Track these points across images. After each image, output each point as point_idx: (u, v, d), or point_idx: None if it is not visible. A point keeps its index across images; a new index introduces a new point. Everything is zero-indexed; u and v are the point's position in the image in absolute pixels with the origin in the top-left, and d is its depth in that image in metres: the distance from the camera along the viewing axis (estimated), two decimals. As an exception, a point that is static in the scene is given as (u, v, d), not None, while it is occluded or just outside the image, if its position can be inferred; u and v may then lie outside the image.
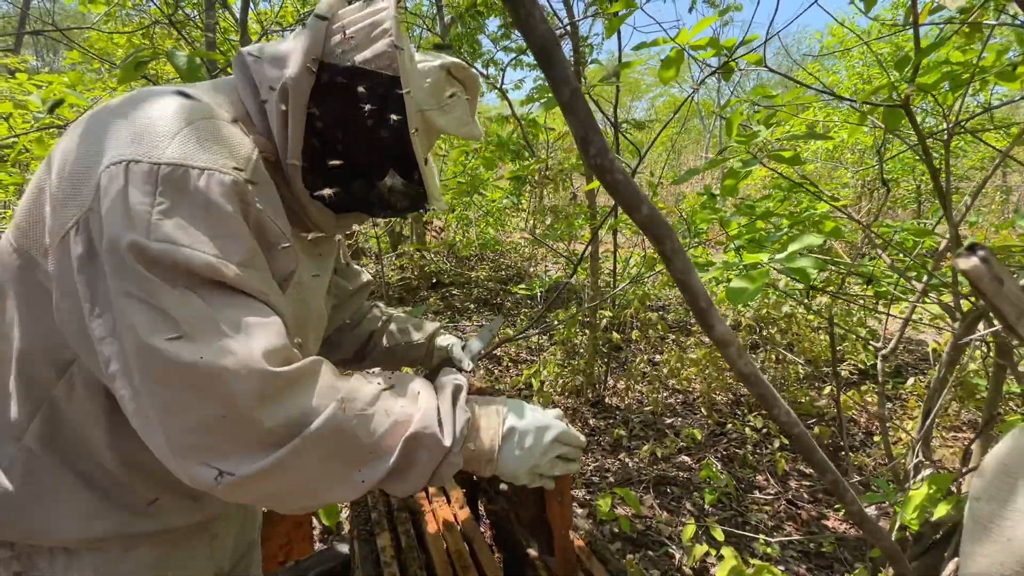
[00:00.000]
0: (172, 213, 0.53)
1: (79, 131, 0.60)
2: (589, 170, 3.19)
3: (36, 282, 0.60)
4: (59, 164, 0.58)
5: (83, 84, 2.56)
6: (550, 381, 3.10)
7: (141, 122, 0.57)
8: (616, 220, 2.82)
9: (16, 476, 0.62)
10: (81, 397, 0.61)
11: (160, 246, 0.52)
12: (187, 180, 0.54)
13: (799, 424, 0.41)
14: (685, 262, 0.33)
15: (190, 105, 0.60)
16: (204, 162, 0.56)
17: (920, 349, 4.26)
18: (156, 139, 0.55)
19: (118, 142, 0.55)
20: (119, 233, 0.51)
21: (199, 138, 0.57)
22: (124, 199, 0.52)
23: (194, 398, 0.52)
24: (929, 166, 1.29)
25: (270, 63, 0.68)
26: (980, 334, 1.28)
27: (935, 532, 1.11)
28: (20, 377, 0.62)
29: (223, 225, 0.56)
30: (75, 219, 0.54)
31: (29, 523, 0.63)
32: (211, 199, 0.55)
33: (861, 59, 6.95)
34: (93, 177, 0.54)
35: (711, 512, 2.28)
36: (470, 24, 4.75)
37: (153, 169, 0.53)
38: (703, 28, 1.36)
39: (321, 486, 0.58)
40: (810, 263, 1.17)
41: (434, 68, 0.74)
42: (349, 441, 0.58)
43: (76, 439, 0.63)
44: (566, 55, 0.30)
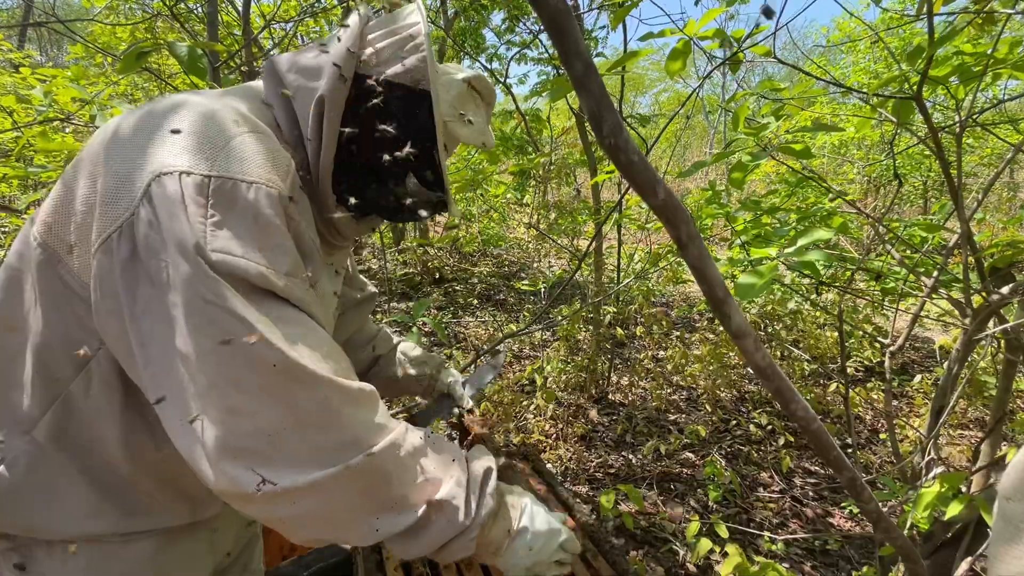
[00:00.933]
0: (224, 225, 0.54)
1: (117, 135, 0.60)
2: (593, 165, 3.16)
3: (58, 277, 0.60)
4: (95, 166, 0.59)
5: (86, 78, 2.55)
6: (553, 377, 3.09)
7: (188, 131, 0.58)
8: (620, 215, 2.80)
9: (20, 470, 0.62)
10: (98, 393, 0.61)
11: (217, 256, 0.53)
12: (237, 192, 0.56)
13: (817, 419, 0.40)
14: (701, 249, 0.31)
15: (234, 116, 0.62)
16: (252, 175, 0.57)
17: (926, 346, 4.23)
18: (206, 151, 0.56)
19: (166, 151, 0.56)
20: (181, 240, 0.52)
21: (246, 151, 0.59)
22: (181, 209, 0.53)
23: (264, 402, 0.53)
24: (941, 160, 1.26)
25: (304, 74, 0.69)
26: (992, 331, 1.26)
27: (946, 531, 1.10)
28: (37, 370, 0.61)
29: (271, 236, 0.58)
30: (118, 223, 0.54)
31: (28, 518, 0.63)
32: (260, 211, 0.57)
33: (868, 53, 6.88)
34: (138, 183, 0.55)
35: (715, 509, 2.27)
36: (474, 18, 4.72)
37: (205, 181, 0.54)
38: (711, 19, 1.34)
39: (342, 520, 0.58)
40: (820, 257, 1.15)
41: (457, 81, 0.78)
42: (383, 484, 0.59)
43: (87, 435, 0.63)
44: (579, 30, 0.28)
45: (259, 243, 0.56)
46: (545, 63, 4.12)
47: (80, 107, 2.02)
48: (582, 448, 2.68)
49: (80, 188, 0.59)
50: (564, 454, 2.56)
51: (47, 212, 0.62)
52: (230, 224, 0.55)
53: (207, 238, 0.53)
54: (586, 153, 3.18)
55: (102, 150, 0.60)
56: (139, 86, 4.85)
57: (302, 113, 0.69)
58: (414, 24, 0.72)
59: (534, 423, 2.82)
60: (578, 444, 2.71)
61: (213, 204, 0.54)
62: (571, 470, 2.48)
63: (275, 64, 0.72)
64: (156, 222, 0.53)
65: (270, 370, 0.53)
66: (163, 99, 0.64)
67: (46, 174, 2.09)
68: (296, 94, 0.69)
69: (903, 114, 1.30)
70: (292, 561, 1.17)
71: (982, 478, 1.28)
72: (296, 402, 0.54)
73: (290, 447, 0.54)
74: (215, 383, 0.52)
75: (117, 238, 0.54)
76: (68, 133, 2.34)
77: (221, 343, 0.52)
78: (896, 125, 1.35)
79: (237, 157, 0.57)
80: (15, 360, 0.62)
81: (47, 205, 0.62)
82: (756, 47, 1.36)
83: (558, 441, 2.69)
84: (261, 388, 0.53)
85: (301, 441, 0.54)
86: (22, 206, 2.90)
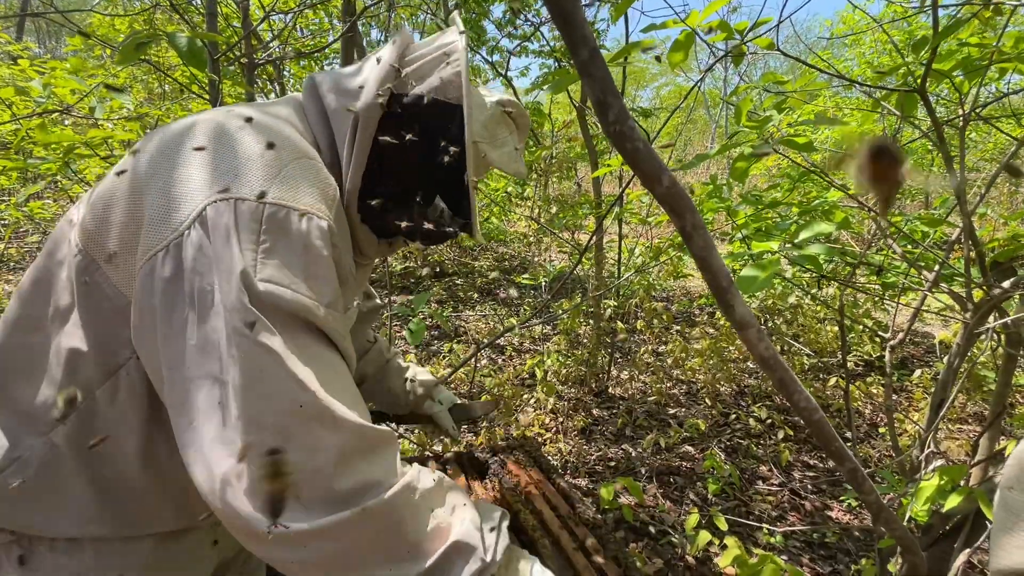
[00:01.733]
0: (273, 253, 0.55)
1: (166, 150, 0.60)
2: (594, 159, 3.15)
3: (95, 284, 0.60)
4: (141, 180, 0.59)
5: (85, 70, 2.54)
6: (554, 371, 3.10)
7: (242, 155, 0.59)
8: (621, 210, 2.80)
9: (31, 470, 0.62)
10: (123, 401, 0.62)
11: (266, 286, 0.53)
12: (289, 221, 0.56)
13: (819, 410, 0.40)
14: (706, 239, 0.31)
15: (285, 140, 0.63)
16: (304, 205, 0.58)
17: (926, 341, 4.23)
18: (259, 177, 0.57)
19: (220, 174, 0.57)
20: (230, 267, 0.52)
21: (298, 179, 0.60)
22: (234, 235, 0.53)
23: (287, 442, 0.52)
24: (944, 153, 1.26)
25: (343, 95, 0.71)
26: (992, 324, 1.26)
27: (944, 524, 1.10)
28: (67, 371, 0.61)
29: (318, 267, 0.58)
30: (166, 242, 0.54)
31: (30, 517, 0.63)
32: (311, 242, 0.57)
33: (872, 47, 6.83)
34: (190, 205, 0.55)
35: (714, 502, 2.28)
36: (475, 10, 4.69)
37: (259, 208, 0.55)
38: (714, 10, 1.33)
39: (354, 566, 0.57)
40: (822, 250, 1.15)
41: (492, 104, 0.79)
42: (396, 528, 0.58)
43: (108, 444, 0.62)
44: (585, 14, 0.28)
45: (306, 273, 0.57)
46: (546, 56, 4.10)
47: (79, 99, 2.02)
48: (582, 441, 2.69)
49: (125, 199, 0.60)
50: (564, 447, 2.57)
51: (88, 219, 0.61)
52: (280, 253, 0.55)
53: (256, 266, 0.53)
54: (587, 146, 3.17)
55: (151, 162, 0.60)
56: (138, 78, 4.82)
57: (340, 135, 0.70)
58: (451, 42, 0.74)
59: (534, 416, 2.83)
60: (578, 437, 2.72)
61: (266, 230, 0.55)
62: (571, 463, 2.49)
63: (316, 84, 0.73)
64: (206, 246, 0.53)
65: (297, 410, 0.52)
66: (211, 114, 0.64)
67: (45, 166, 2.09)
68: (334, 116, 0.71)
69: (907, 107, 1.29)
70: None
71: (981, 472, 1.29)
72: (318, 445, 0.53)
73: (304, 489, 0.53)
74: (241, 416, 0.51)
75: (163, 257, 0.54)
76: (67, 126, 2.33)
77: (252, 377, 0.51)
78: (899, 118, 1.35)
79: (290, 185, 0.58)
80: (38, 361, 0.62)
81: (89, 212, 0.62)
82: (759, 39, 1.34)
83: (558, 434, 2.70)
84: (285, 428, 0.52)
85: (318, 484, 0.53)
86: (22, 199, 2.89)
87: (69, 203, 3.70)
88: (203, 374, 0.52)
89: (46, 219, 3.61)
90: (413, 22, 6.28)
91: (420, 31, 6.23)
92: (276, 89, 4.75)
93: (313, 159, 0.65)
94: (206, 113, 0.66)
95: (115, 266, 0.59)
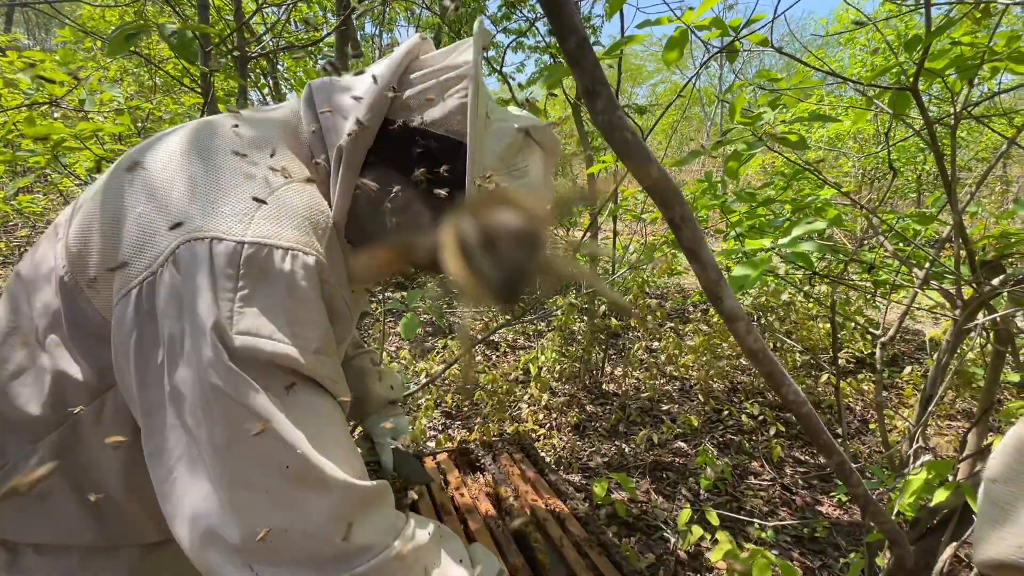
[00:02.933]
0: (253, 300, 0.51)
1: (146, 171, 0.57)
2: (589, 158, 3.15)
3: (79, 307, 0.58)
4: (121, 205, 0.55)
5: (74, 62, 2.51)
6: (548, 367, 3.10)
7: (220, 186, 0.54)
8: (616, 207, 2.80)
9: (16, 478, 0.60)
10: (107, 424, 0.60)
11: (243, 339, 0.49)
12: (271, 262, 0.51)
13: (807, 403, 0.40)
14: (695, 231, 0.31)
15: (273, 163, 0.58)
16: (288, 240, 0.53)
17: (917, 339, 4.27)
18: (238, 212, 0.52)
19: (196, 208, 0.52)
20: (202, 318, 0.49)
21: (283, 210, 0.54)
22: (208, 281, 0.49)
23: (272, 504, 0.50)
24: (935, 152, 1.27)
25: (336, 111, 0.64)
26: (981, 320, 1.28)
27: (932, 518, 1.11)
28: (55, 386, 0.59)
29: (303, 310, 0.54)
30: (139, 278, 0.51)
31: (14, 525, 0.62)
32: (295, 283, 0.53)
33: (866, 45, 6.86)
34: (164, 241, 0.51)
35: (706, 497, 2.29)
36: (470, 5, 4.66)
37: (236, 249, 0.50)
38: (708, 7, 1.33)
39: None
40: (813, 247, 1.16)
41: (510, 131, 0.66)
42: None
43: (88, 460, 0.61)
44: (574, 4, 0.28)
45: (289, 318, 0.52)
46: (542, 52, 4.09)
47: (68, 90, 1.99)
48: (575, 437, 2.70)
49: (104, 223, 0.56)
50: (558, 443, 2.58)
51: (74, 239, 0.58)
52: (260, 297, 0.51)
53: (233, 317, 0.49)
54: (582, 143, 3.17)
55: (128, 184, 0.56)
56: (129, 71, 4.77)
57: (333, 156, 0.64)
58: (462, 64, 0.64)
59: (528, 413, 2.84)
60: (572, 433, 2.73)
61: (244, 275, 0.50)
62: (564, 459, 2.50)
63: (313, 93, 0.66)
64: (179, 288, 0.50)
65: (283, 472, 0.50)
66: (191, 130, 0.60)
67: (34, 159, 2.06)
68: (327, 132, 0.64)
69: (899, 106, 1.30)
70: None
71: (969, 467, 1.30)
72: (307, 508, 0.51)
73: (292, 551, 0.51)
74: (223, 475, 0.49)
75: (137, 294, 0.51)
76: (56, 119, 2.30)
77: (232, 438, 0.49)
78: (892, 116, 1.35)
79: (274, 218, 0.53)
80: (27, 373, 0.60)
81: (74, 231, 0.59)
82: (753, 35, 1.35)
83: (552, 430, 2.71)
84: (270, 490, 0.50)
85: (304, 546, 0.51)
86: (10, 192, 2.86)
87: (59, 197, 3.66)
88: (180, 426, 0.50)
89: (35, 213, 3.57)
90: (409, 16, 6.24)
91: (415, 26, 6.19)
92: (269, 83, 4.71)
93: (303, 183, 0.59)
94: (192, 129, 0.61)
95: (96, 291, 0.57)
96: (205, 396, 0.49)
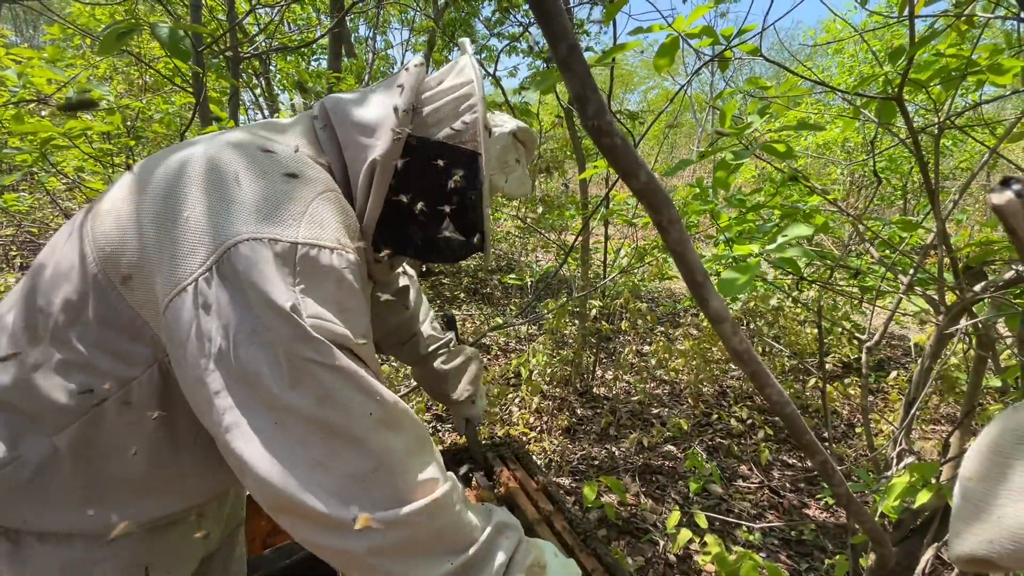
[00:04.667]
0: (309, 292, 0.57)
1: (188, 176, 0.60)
2: (581, 160, 3.17)
3: (110, 303, 0.61)
4: (160, 210, 0.59)
5: (63, 60, 2.48)
6: (539, 371, 3.11)
7: (269, 192, 0.59)
8: (608, 211, 2.82)
9: (29, 469, 0.61)
10: (134, 411, 0.62)
11: (313, 320, 0.55)
12: (319, 258, 0.58)
13: (791, 404, 0.41)
14: (682, 234, 0.32)
15: (307, 173, 0.64)
16: (331, 241, 0.60)
17: (902, 344, 4.34)
18: (288, 215, 0.58)
19: (248, 212, 0.57)
20: (276, 302, 0.54)
21: (325, 215, 0.61)
22: (274, 275, 0.55)
23: (360, 448, 0.56)
24: (919, 160, 1.29)
25: (357, 129, 0.71)
26: (963, 325, 1.30)
27: (915, 520, 1.13)
28: (79, 378, 0.61)
29: (350, 300, 0.61)
30: (193, 276, 0.55)
31: (19, 514, 0.63)
32: (342, 276, 0.60)
33: (853, 56, 6.98)
34: (218, 240, 0.56)
35: (695, 500, 2.31)
36: (464, 8, 4.68)
37: (292, 248, 0.56)
38: (699, 15, 1.35)
39: (420, 555, 0.60)
40: (799, 253, 1.17)
41: (504, 135, 0.81)
42: (456, 514, 0.62)
43: (108, 448, 0.63)
44: (565, 11, 0.29)
45: (340, 307, 0.59)
46: (535, 56, 4.11)
47: (56, 89, 1.97)
48: (566, 440, 2.71)
49: (141, 224, 0.59)
50: (548, 446, 2.58)
51: (106, 239, 0.60)
52: (315, 289, 0.57)
53: (298, 304, 0.55)
54: (574, 147, 3.19)
55: (169, 189, 0.59)
56: (119, 69, 4.72)
57: (353, 169, 0.71)
58: (467, 83, 0.74)
59: (519, 415, 2.84)
60: (562, 436, 2.74)
61: (300, 271, 0.56)
62: (555, 462, 2.50)
63: (328, 111, 0.73)
64: (242, 283, 0.54)
65: (367, 418, 0.56)
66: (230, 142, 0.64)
67: (20, 157, 2.03)
68: (347, 147, 0.71)
69: (885, 115, 1.32)
70: (274, 550, 1.16)
71: (951, 469, 1.33)
72: (388, 447, 0.57)
73: (382, 487, 0.57)
74: (314, 432, 0.55)
75: (194, 290, 0.55)
76: (44, 117, 2.27)
77: (324, 399, 0.55)
78: (877, 125, 1.38)
79: (318, 221, 0.60)
80: (46, 365, 0.61)
81: (107, 230, 0.61)
82: (743, 45, 1.37)
83: (543, 433, 2.71)
84: (357, 437, 0.56)
85: (391, 481, 0.57)
86: (-4, 189, 2.81)
87: (45, 196, 3.61)
88: (262, 402, 0.55)
89: (21, 212, 3.51)
90: (402, 19, 6.24)
91: (409, 28, 6.19)
92: (261, 83, 4.68)
93: (334, 190, 0.66)
94: (224, 139, 0.65)
95: (130, 289, 0.59)
96: (293, 366, 0.54)
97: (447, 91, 0.74)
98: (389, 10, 5.75)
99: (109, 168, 2.82)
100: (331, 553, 0.58)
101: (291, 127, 0.74)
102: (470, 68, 0.75)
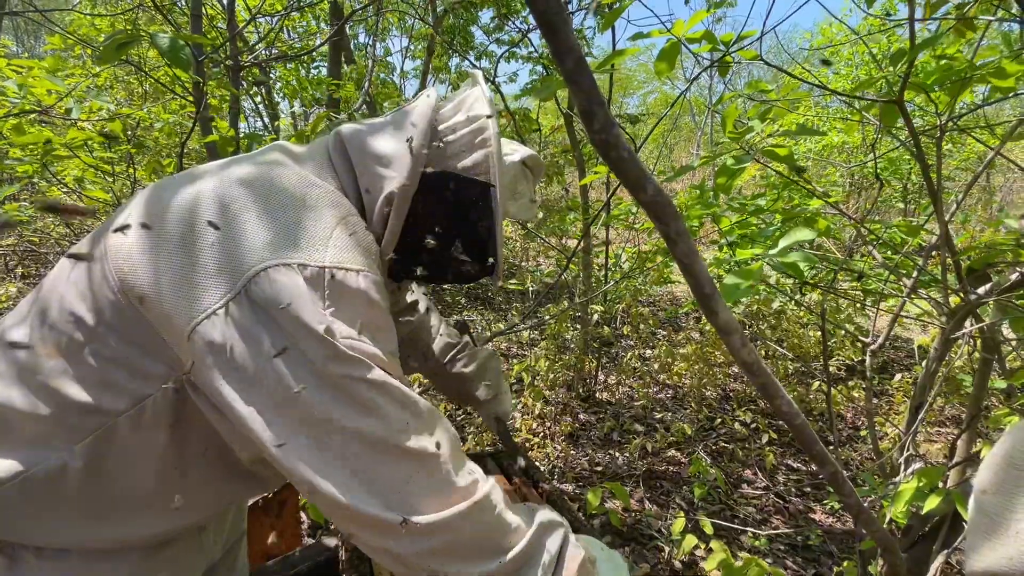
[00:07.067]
0: (339, 313, 0.59)
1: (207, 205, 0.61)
2: (581, 166, 3.17)
3: (128, 319, 0.61)
4: (184, 233, 0.60)
5: (63, 70, 2.49)
6: (541, 376, 3.10)
7: (293, 219, 0.61)
8: (609, 216, 2.82)
9: (38, 482, 0.61)
10: (148, 427, 0.63)
11: (346, 342, 0.57)
12: (347, 281, 0.60)
13: (801, 415, 0.40)
14: (689, 245, 0.32)
15: (331, 199, 0.66)
16: (357, 263, 0.62)
17: (906, 346, 4.32)
18: (316, 241, 0.60)
19: (273, 239, 0.59)
20: (309, 326, 0.56)
21: (348, 239, 0.64)
22: (306, 298, 0.57)
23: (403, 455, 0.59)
24: (921, 163, 1.29)
25: (374, 160, 0.73)
26: (968, 329, 1.29)
27: (923, 525, 1.12)
28: (93, 393, 0.61)
29: (378, 319, 0.63)
30: (223, 301, 0.56)
31: (19, 528, 0.62)
32: (370, 297, 0.62)
33: (850, 59, 7.00)
34: (245, 267, 0.57)
35: (700, 506, 2.29)
36: (463, 15, 4.70)
37: (321, 273, 0.58)
38: (698, 21, 1.35)
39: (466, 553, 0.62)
40: (801, 258, 1.17)
41: (515, 164, 0.85)
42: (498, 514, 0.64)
43: (119, 464, 0.63)
44: (570, 25, 0.29)
45: (370, 326, 0.61)
46: (535, 62, 4.12)
47: (57, 100, 1.98)
48: (569, 446, 2.69)
49: (162, 246, 0.59)
50: (551, 452, 2.57)
51: (122, 257, 0.60)
52: (345, 311, 0.59)
53: (331, 327, 0.57)
54: (574, 153, 3.19)
55: (193, 214, 0.60)
56: (119, 78, 4.74)
57: (369, 198, 0.73)
58: (481, 116, 0.76)
59: (522, 421, 2.83)
60: (565, 442, 2.72)
61: (330, 294, 0.58)
62: (558, 468, 2.49)
63: (344, 140, 0.75)
64: (273, 307, 0.56)
65: (404, 428, 0.59)
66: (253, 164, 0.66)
67: (22, 167, 2.04)
68: (363, 176, 0.73)
69: (887, 118, 1.32)
70: (277, 561, 1.16)
71: (958, 474, 1.31)
72: (426, 453, 0.60)
73: (425, 490, 0.60)
74: (355, 444, 0.57)
75: (224, 315, 0.56)
76: (46, 127, 2.28)
77: (362, 412, 0.57)
78: (878, 128, 1.38)
79: (343, 246, 0.62)
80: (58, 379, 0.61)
81: (125, 252, 0.60)
82: (743, 51, 1.37)
83: (545, 439, 2.70)
84: (396, 445, 0.58)
85: (433, 485, 0.60)
86: (-3, 200, 2.82)
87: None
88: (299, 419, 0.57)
89: (22, 221, 3.52)
90: (401, 26, 6.27)
91: (408, 35, 6.22)
92: (262, 92, 4.70)
93: (355, 215, 0.69)
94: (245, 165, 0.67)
95: (147, 308, 0.59)
96: (331, 383, 0.56)
97: (462, 124, 0.77)
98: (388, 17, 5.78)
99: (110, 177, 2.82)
100: (383, 555, 0.60)
101: (307, 154, 0.75)
102: (483, 101, 0.78)
